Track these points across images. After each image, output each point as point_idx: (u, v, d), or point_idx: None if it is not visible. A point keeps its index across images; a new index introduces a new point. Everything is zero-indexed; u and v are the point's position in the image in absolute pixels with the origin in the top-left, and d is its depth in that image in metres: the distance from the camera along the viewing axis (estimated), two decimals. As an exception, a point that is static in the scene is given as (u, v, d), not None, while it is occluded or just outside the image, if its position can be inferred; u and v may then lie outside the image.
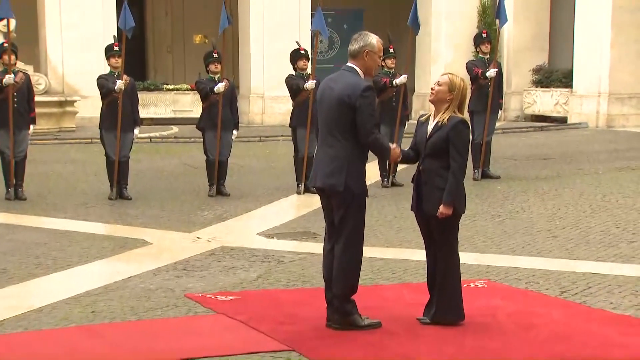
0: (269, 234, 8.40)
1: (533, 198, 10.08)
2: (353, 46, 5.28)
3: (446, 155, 5.18)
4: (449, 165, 5.17)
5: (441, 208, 5.15)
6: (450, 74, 5.31)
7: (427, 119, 5.36)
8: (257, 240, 8.17)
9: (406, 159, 5.42)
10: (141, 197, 10.52)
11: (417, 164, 5.40)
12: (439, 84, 5.25)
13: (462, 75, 5.57)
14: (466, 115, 6.52)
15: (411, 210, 5.43)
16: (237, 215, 9.49)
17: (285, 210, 10.03)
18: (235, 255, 7.45)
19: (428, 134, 5.27)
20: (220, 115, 10.54)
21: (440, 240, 5.28)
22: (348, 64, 5.30)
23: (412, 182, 5.40)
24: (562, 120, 20.81)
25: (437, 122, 5.24)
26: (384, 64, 11.16)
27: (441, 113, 5.25)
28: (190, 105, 21.68)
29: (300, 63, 10.80)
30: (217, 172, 10.69)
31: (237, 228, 8.86)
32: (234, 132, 10.82)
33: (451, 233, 5.27)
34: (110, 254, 7.51)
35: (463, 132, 5.20)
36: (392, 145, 5.31)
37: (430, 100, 5.35)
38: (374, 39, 5.28)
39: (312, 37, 18.30)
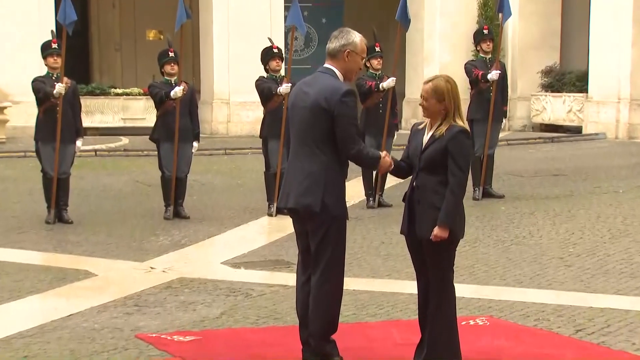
0: (235, 263, 8.39)
1: (543, 221, 10.15)
2: (332, 45, 5.31)
3: (444, 169, 5.20)
4: (446, 181, 5.19)
5: (436, 230, 5.16)
6: (431, 80, 5.28)
7: (424, 127, 5.38)
8: (221, 271, 8.15)
9: (398, 170, 5.43)
10: (84, 221, 10.48)
11: (409, 179, 5.43)
12: (424, 98, 5.26)
13: (457, 78, 5.54)
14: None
15: (401, 233, 5.45)
16: (198, 241, 9.47)
17: (255, 236, 10.02)
18: (196, 288, 7.43)
19: (423, 145, 5.29)
20: (178, 124, 10.54)
21: (434, 268, 5.29)
22: (325, 64, 5.32)
23: (403, 200, 5.43)
24: (576, 131, 20.97)
25: (434, 134, 5.25)
26: (368, 65, 11.23)
27: (437, 124, 5.26)
28: (143, 112, 21.66)
29: (273, 63, 10.83)
30: (174, 190, 10.67)
31: (197, 256, 8.84)
32: (194, 144, 10.83)
33: (446, 260, 5.29)
34: (47, 288, 7.45)
35: (464, 143, 5.23)
36: (382, 153, 5.34)
37: (425, 117, 5.36)
38: (356, 37, 5.31)
39: (286, 33, 18.36)
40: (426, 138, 5.31)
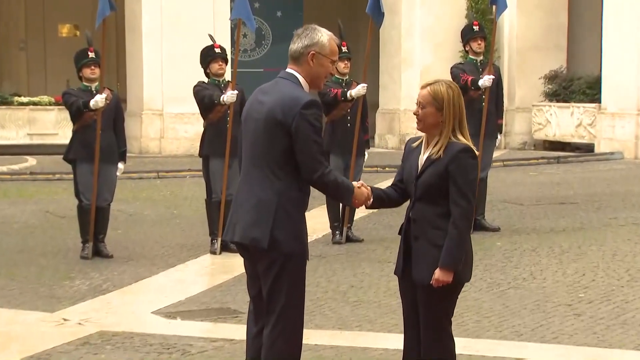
0: (169, 313, 8.35)
1: (547, 259, 10.21)
2: (294, 45, 5.31)
3: (444, 198, 5.23)
4: (448, 212, 5.23)
5: (437, 273, 5.18)
6: (430, 84, 5.32)
7: (420, 145, 5.40)
8: (152, 322, 8.10)
9: (381, 202, 5.44)
10: (-19, 261, 10.40)
11: (398, 208, 5.44)
12: (420, 105, 5.28)
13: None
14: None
15: (395, 274, 5.47)
16: (124, 285, 9.41)
17: (194, 278, 9.99)
18: (120, 344, 7.37)
19: (419, 168, 5.31)
20: (99, 141, 10.50)
21: (429, 319, 5.31)
22: (287, 69, 5.34)
23: (399, 234, 5.45)
24: (587, 149, 21.17)
25: (431, 154, 5.27)
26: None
27: (435, 140, 5.28)
28: (54, 126, 21.56)
29: (215, 66, 10.85)
30: (94, 223, 10.62)
31: (123, 305, 8.78)
32: (120, 165, 10.80)
33: (446, 309, 5.33)
34: None
35: (467, 164, 5.24)
36: (357, 184, 5.36)
37: (419, 130, 5.36)
38: (323, 37, 5.32)
39: (233, 29, 18.39)
40: (422, 159, 5.31)
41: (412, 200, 5.33)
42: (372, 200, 5.36)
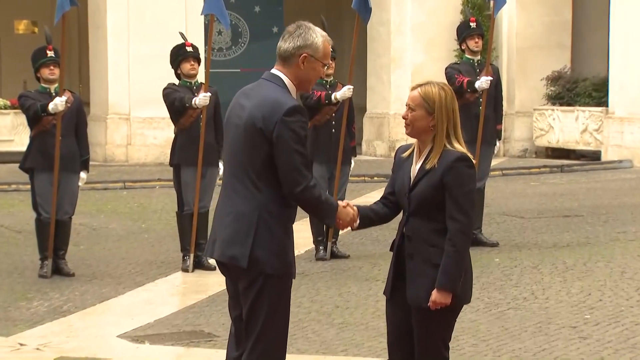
0: (136, 337, 8.33)
1: (550, 277, 10.23)
2: (286, 44, 5.31)
3: (441, 212, 5.24)
4: (445, 227, 5.24)
5: (434, 295, 5.20)
6: (421, 85, 5.35)
7: (412, 154, 5.41)
8: (117, 347, 8.08)
9: (368, 222, 5.45)
10: None
11: (391, 221, 5.46)
12: (409, 108, 5.30)
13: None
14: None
15: (384, 294, 5.48)
16: (86, 307, 9.39)
17: (164, 298, 9.97)
18: (82, 371, 7.38)
19: (412, 180, 5.33)
20: (59, 148, 10.49)
21: (426, 345, 5.32)
22: (273, 70, 5.35)
23: (391, 250, 5.46)
24: (593, 157, 21.19)
25: (424, 164, 5.29)
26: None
27: (427, 149, 5.30)
28: (10, 132, 21.49)
29: (187, 66, 10.85)
30: (53, 238, 10.59)
31: (85, 328, 8.76)
32: (82, 174, 10.78)
33: (444, 335, 5.33)
34: None
35: (464, 174, 5.26)
36: (342, 203, 5.36)
37: (407, 134, 5.38)
38: (317, 38, 5.34)
39: (205, 26, 18.38)
40: (414, 169, 5.33)
41: (405, 215, 5.34)
42: (358, 222, 5.37)
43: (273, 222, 5.19)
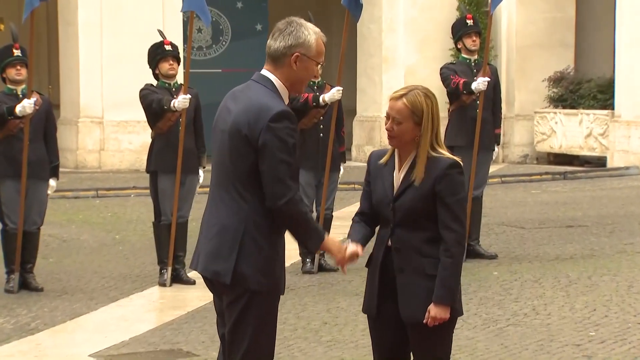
0: (110, 356, 8.33)
1: (552, 292, 10.25)
2: (276, 43, 5.28)
3: (431, 221, 5.26)
4: (435, 237, 5.25)
5: (432, 310, 5.20)
6: (404, 95, 5.28)
7: (391, 161, 5.40)
8: (89, 367, 8.08)
9: (366, 242, 5.48)
10: None
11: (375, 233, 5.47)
12: (394, 121, 5.26)
13: (430, 88, 5.51)
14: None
15: (364, 312, 5.48)
16: (56, 324, 9.38)
17: (140, 315, 9.97)
18: (52, 392, 7.38)
19: (395, 189, 5.33)
20: (27, 154, 10.48)
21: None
22: (262, 71, 5.33)
23: (366, 265, 5.46)
24: (599, 163, 21.26)
25: (409, 172, 5.29)
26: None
27: (410, 156, 5.29)
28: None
29: (165, 66, 10.86)
30: (20, 251, 10.59)
31: (55, 347, 8.75)
32: (51, 182, 10.78)
33: (446, 350, 5.35)
34: None
35: (457, 182, 5.28)
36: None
37: (392, 146, 5.36)
38: (311, 35, 5.29)
39: (184, 24, 18.42)
40: (398, 178, 5.33)
41: (389, 226, 5.34)
42: (358, 257, 5.44)
43: (260, 235, 5.18)
